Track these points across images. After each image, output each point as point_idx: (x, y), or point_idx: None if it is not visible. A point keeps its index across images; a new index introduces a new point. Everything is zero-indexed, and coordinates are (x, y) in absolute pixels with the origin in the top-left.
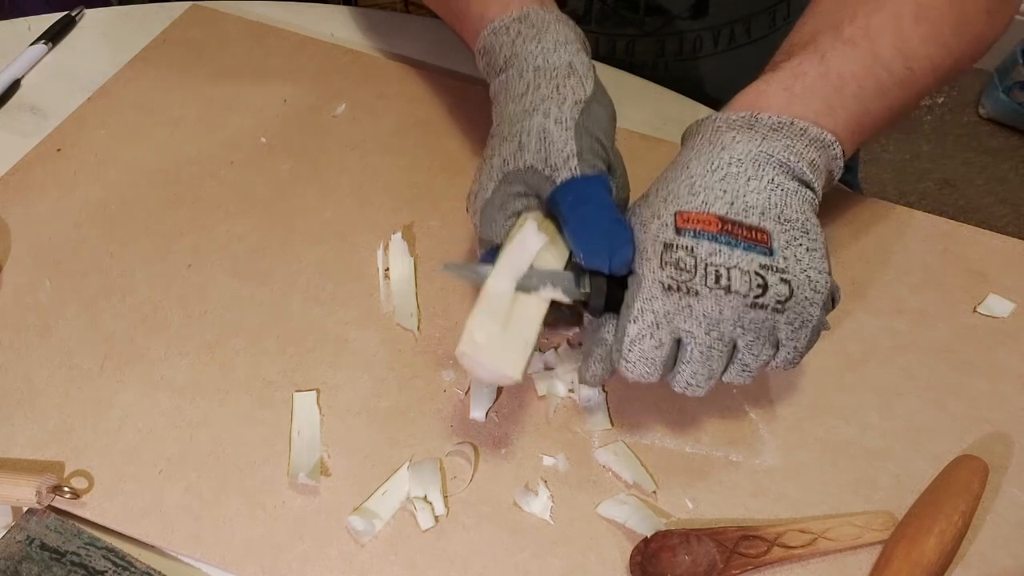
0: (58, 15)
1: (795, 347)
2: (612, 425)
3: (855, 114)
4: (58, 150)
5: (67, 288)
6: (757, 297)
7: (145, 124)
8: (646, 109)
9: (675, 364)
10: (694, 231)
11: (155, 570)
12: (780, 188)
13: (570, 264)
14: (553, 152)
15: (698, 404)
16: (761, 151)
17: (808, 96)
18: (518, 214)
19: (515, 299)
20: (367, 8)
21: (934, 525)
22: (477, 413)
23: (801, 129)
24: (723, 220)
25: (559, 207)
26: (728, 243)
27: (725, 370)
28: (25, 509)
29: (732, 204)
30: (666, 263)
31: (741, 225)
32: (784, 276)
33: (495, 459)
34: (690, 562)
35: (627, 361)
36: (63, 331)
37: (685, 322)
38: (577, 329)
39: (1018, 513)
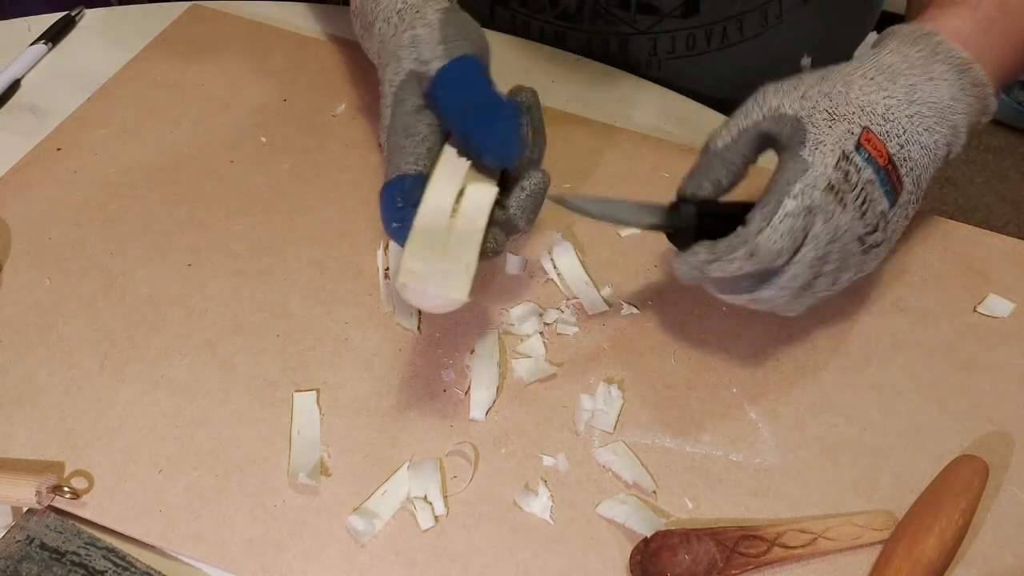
0: (58, 15)
1: (831, 284)
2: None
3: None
4: (58, 149)
5: (67, 287)
6: (868, 233)
7: (145, 124)
8: (645, 109)
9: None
10: (869, 155)
11: (155, 570)
12: (935, 153)
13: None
14: (425, 49)
15: (698, 404)
16: (954, 103)
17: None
18: (424, 137)
19: (450, 226)
20: None
21: (935, 524)
22: (477, 413)
23: (987, 99)
24: (890, 158)
25: (440, 102)
26: (881, 179)
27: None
28: (25, 509)
29: (902, 147)
30: (840, 167)
31: (895, 170)
32: (886, 229)
33: (495, 459)
34: (690, 562)
35: (773, 230)
36: (63, 330)
37: (823, 224)
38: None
39: (1019, 512)
